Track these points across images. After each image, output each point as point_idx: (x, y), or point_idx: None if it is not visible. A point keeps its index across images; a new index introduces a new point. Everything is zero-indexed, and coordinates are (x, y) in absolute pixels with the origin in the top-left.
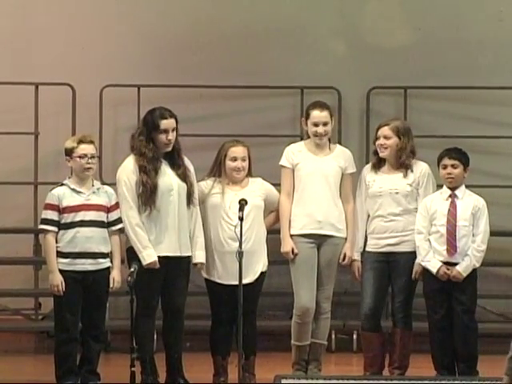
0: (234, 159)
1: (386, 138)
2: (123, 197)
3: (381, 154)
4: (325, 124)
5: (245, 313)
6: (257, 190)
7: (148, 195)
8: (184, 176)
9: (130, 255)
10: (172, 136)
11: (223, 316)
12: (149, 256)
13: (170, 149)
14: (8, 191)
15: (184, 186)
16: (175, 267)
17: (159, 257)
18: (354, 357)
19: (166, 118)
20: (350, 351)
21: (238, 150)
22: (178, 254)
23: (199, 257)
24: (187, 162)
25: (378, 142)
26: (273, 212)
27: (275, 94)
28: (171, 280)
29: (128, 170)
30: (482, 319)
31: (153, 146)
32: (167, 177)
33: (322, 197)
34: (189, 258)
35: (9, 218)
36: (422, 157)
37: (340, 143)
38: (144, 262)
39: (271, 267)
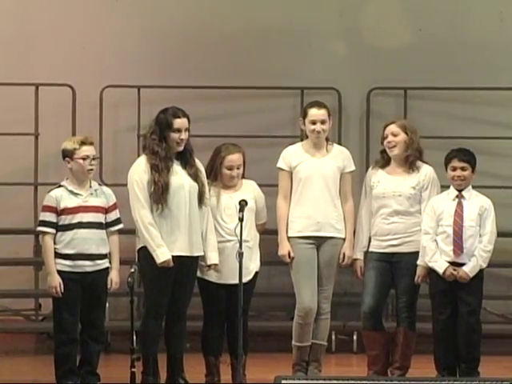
0: (230, 168)
1: (393, 135)
2: (135, 197)
3: (390, 153)
4: (322, 122)
5: (236, 312)
6: (250, 192)
7: (159, 193)
8: (195, 176)
9: (142, 255)
10: (184, 135)
11: (216, 316)
12: (163, 254)
13: (181, 148)
14: (8, 192)
15: (195, 185)
16: (186, 267)
17: (171, 256)
18: (355, 357)
19: (179, 117)
20: (350, 352)
21: (234, 159)
22: (189, 254)
23: (213, 258)
24: (198, 162)
25: (386, 141)
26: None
27: (275, 95)
28: (180, 281)
29: (140, 170)
30: (483, 320)
31: (165, 145)
32: (178, 176)
33: (320, 198)
34: (199, 258)
35: (9, 219)
36: (423, 157)
37: (340, 144)
38: (158, 261)
39: (271, 268)
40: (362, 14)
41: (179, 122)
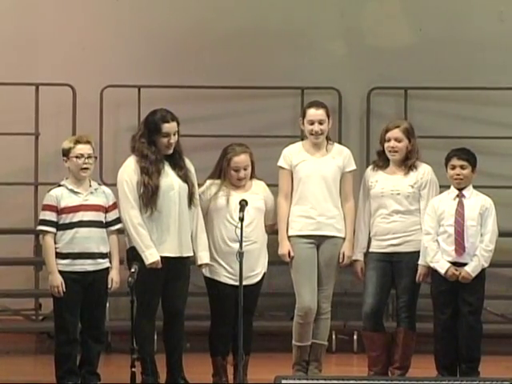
0: (237, 169)
1: (397, 140)
2: (125, 197)
3: (391, 157)
4: (320, 122)
5: (244, 313)
6: (260, 193)
7: (149, 196)
8: (185, 177)
9: (131, 256)
10: (174, 139)
11: (225, 316)
12: (151, 255)
13: (171, 151)
14: (8, 192)
15: (185, 186)
16: (176, 268)
17: (160, 257)
18: (355, 357)
19: (168, 122)
20: (350, 352)
21: (240, 160)
22: (179, 255)
23: (203, 258)
24: (188, 162)
25: (388, 145)
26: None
27: (276, 95)
28: (172, 281)
29: (129, 170)
30: (483, 320)
31: (155, 148)
32: (169, 178)
33: (320, 197)
34: (189, 258)
35: (9, 219)
36: (423, 157)
37: (340, 144)
38: (147, 262)
39: (272, 268)
40: (362, 14)
41: (168, 127)
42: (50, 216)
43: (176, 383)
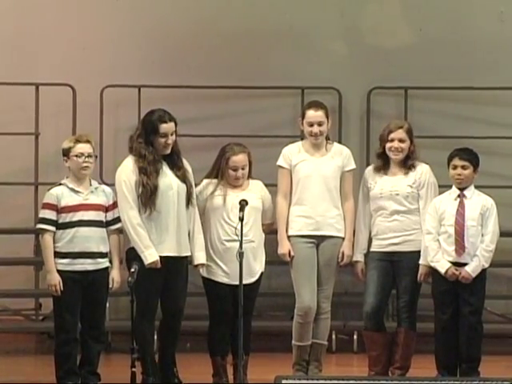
0: (235, 169)
1: (401, 141)
2: (123, 197)
3: (394, 157)
4: (319, 124)
5: (243, 312)
6: (257, 192)
7: (148, 196)
8: (183, 177)
9: (131, 256)
10: (171, 140)
11: (223, 316)
12: (151, 255)
13: (168, 151)
14: (8, 192)
15: (183, 186)
16: (175, 268)
17: (160, 257)
18: (355, 357)
19: (165, 122)
20: (350, 352)
21: (238, 159)
22: (177, 255)
23: (200, 258)
24: (185, 163)
25: (391, 145)
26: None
27: (276, 95)
28: (171, 281)
29: (128, 171)
30: (483, 320)
31: (152, 148)
32: (167, 178)
33: (319, 198)
34: (187, 258)
35: (9, 219)
36: (423, 157)
37: (340, 143)
38: (146, 262)
39: (271, 268)
40: (362, 13)
41: (165, 127)
42: (50, 214)
43: (170, 383)
